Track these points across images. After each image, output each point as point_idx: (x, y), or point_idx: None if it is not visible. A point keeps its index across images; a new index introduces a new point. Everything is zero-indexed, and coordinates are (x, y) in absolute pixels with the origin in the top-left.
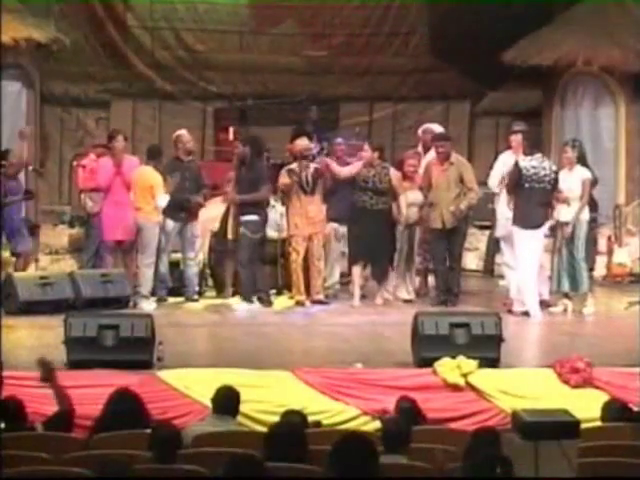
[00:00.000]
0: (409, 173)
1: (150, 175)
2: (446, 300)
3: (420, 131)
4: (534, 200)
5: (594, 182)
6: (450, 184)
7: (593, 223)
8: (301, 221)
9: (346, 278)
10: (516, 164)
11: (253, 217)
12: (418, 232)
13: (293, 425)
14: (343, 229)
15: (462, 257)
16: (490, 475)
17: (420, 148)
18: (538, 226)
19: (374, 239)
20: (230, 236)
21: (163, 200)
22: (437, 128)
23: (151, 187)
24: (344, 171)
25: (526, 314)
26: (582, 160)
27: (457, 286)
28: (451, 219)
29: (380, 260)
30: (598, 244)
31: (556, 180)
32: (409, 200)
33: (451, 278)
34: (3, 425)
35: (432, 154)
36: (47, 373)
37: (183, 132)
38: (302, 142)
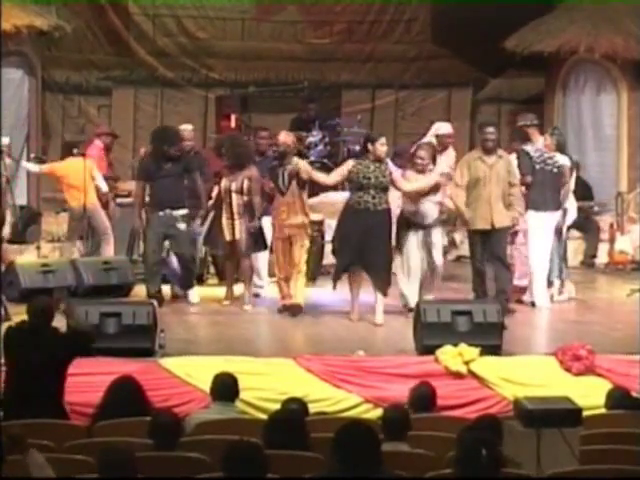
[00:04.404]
0: (420, 166)
1: None
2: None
3: (435, 134)
4: (547, 183)
5: (573, 168)
6: (499, 179)
7: (591, 210)
8: (277, 223)
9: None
10: (522, 150)
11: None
12: (437, 234)
13: (292, 413)
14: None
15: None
16: (476, 458)
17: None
18: (551, 209)
19: (379, 246)
20: (228, 238)
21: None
22: (447, 127)
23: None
24: (329, 179)
25: (533, 304)
26: (561, 148)
27: (509, 286)
28: (502, 219)
29: (383, 269)
30: (600, 231)
31: (560, 164)
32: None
33: (505, 279)
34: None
35: (449, 154)
36: None
37: None
38: (282, 136)
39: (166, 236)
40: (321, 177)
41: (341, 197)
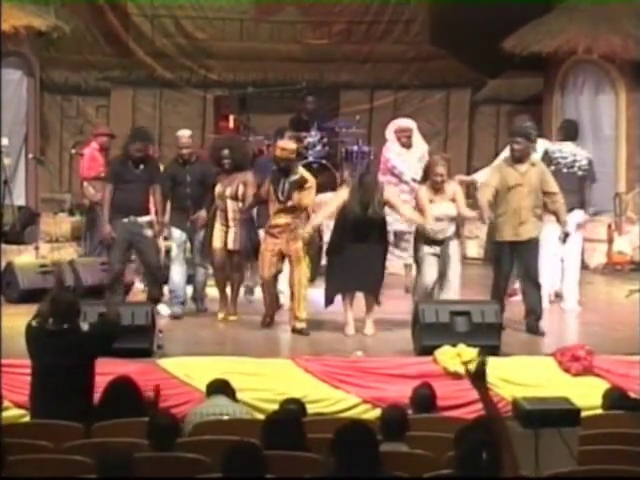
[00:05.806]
0: (437, 185)
1: None
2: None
3: (395, 130)
4: (561, 185)
5: None
6: (531, 188)
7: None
8: (271, 231)
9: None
10: (545, 152)
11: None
12: (453, 246)
13: (291, 413)
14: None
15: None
16: (477, 461)
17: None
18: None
19: (368, 260)
20: (218, 245)
21: None
22: (407, 122)
23: None
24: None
25: None
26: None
27: (540, 305)
28: (530, 229)
29: (373, 284)
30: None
31: (588, 167)
32: (435, 214)
33: (535, 297)
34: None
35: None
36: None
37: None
38: (283, 143)
39: (130, 243)
40: (319, 214)
41: None
